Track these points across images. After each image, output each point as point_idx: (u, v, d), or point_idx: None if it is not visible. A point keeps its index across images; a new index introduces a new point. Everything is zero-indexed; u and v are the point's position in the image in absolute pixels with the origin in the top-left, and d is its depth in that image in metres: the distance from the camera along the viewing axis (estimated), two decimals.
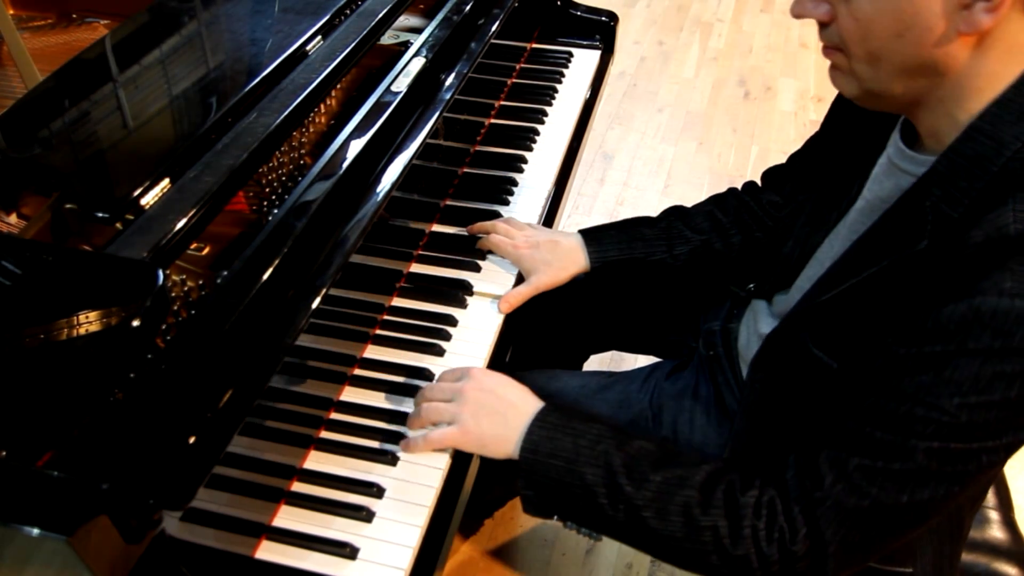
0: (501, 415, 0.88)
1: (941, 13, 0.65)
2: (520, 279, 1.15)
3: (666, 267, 1.14)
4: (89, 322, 0.68)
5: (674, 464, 0.81)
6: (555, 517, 0.90)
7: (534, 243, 1.14)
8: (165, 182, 0.83)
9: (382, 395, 0.98)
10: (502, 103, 1.49)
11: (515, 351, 1.16)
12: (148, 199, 0.81)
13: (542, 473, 0.84)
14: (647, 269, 1.14)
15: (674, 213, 1.16)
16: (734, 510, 0.76)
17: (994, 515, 1.08)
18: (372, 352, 1.03)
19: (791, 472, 0.76)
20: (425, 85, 1.12)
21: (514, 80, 1.55)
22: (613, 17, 1.65)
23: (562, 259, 1.13)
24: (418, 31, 1.21)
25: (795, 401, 0.85)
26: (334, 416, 0.96)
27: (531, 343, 1.36)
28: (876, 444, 0.70)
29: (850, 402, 0.74)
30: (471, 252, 1.18)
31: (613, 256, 1.13)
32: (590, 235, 1.15)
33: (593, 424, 0.85)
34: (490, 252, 1.17)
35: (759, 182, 1.18)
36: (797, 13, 0.74)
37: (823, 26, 0.73)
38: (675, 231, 1.13)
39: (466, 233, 1.20)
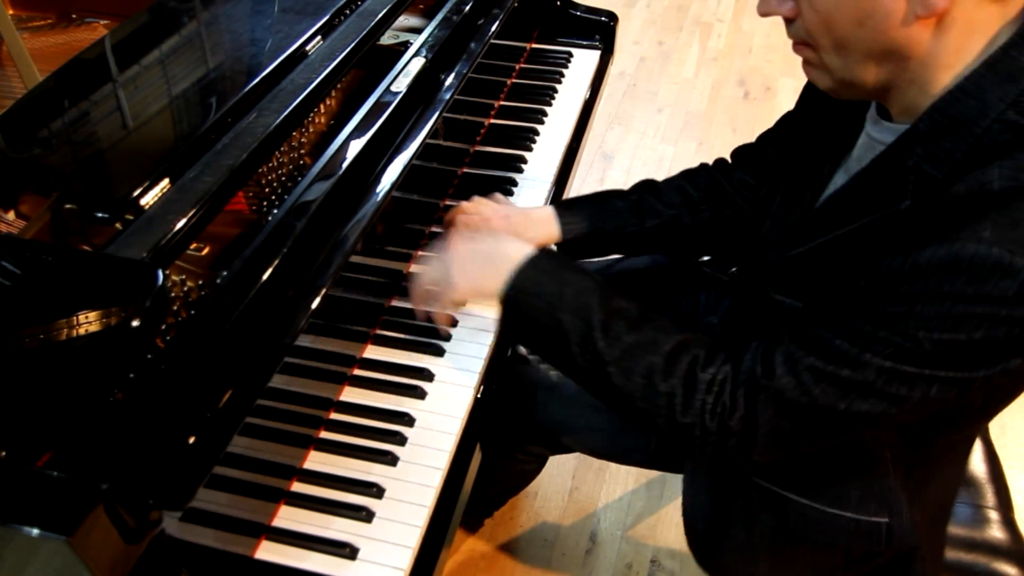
0: (489, 261, 0.92)
1: None
2: None
3: (637, 240, 1.15)
4: (89, 322, 0.68)
5: (648, 327, 0.83)
6: (525, 350, 0.95)
7: (504, 215, 1.14)
8: (165, 182, 0.83)
9: (382, 395, 0.98)
10: (502, 103, 1.49)
11: (515, 349, 1.16)
12: (148, 199, 0.81)
13: (523, 311, 0.89)
14: (619, 242, 1.16)
15: (646, 187, 1.16)
16: (692, 382, 0.79)
17: (994, 515, 1.08)
18: (372, 352, 1.03)
19: (749, 356, 0.79)
20: (425, 85, 1.12)
21: (514, 80, 1.55)
22: (613, 17, 1.65)
23: (535, 229, 1.13)
24: (418, 31, 1.21)
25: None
26: (334, 416, 0.96)
27: None
28: (833, 350, 0.72)
29: (819, 313, 0.76)
30: None
31: (584, 229, 1.13)
32: (563, 206, 1.15)
33: (583, 276, 0.88)
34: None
35: (729, 159, 1.17)
36: (764, 11, 0.76)
37: (789, 22, 0.75)
38: (647, 204, 1.14)
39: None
